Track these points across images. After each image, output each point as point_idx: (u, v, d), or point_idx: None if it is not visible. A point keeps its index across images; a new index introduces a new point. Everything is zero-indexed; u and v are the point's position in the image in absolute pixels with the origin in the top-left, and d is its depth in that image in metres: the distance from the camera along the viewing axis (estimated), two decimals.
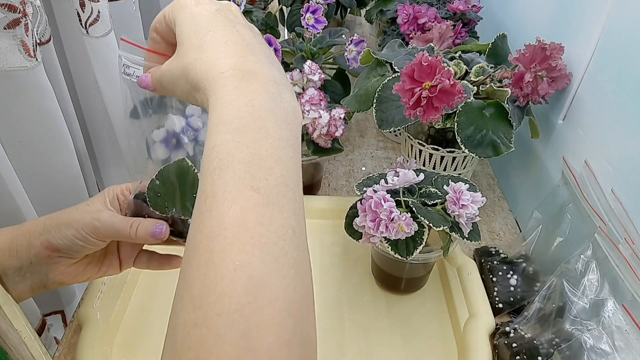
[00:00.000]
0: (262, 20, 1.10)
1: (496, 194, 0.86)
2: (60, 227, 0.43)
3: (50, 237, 0.43)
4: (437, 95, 0.60)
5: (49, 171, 0.68)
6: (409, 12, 0.89)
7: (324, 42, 0.85)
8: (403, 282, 0.65)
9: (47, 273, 0.45)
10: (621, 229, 0.53)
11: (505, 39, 0.76)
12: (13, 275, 0.44)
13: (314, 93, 0.72)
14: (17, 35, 0.55)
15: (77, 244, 0.44)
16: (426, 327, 0.62)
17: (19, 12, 0.54)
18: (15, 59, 0.56)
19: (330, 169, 0.90)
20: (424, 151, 0.75)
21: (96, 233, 0.44)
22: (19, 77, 0.58)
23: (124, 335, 0.60)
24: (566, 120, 0.68)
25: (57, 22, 0.73)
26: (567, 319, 0.53)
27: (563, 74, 0.65)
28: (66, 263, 0.45)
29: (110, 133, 0.82)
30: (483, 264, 0.68)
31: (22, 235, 0.44)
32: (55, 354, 0.58)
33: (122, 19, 0.81)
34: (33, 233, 0.44)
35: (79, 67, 0.77)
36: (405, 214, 0.54)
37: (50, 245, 0.43)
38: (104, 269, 0.49)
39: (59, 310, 0.76)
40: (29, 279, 0.44)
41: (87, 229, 0.43)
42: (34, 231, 0.44)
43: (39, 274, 0.44)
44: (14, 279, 0.44)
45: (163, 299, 0.65)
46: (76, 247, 0.44)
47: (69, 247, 0.44)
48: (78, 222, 0.44)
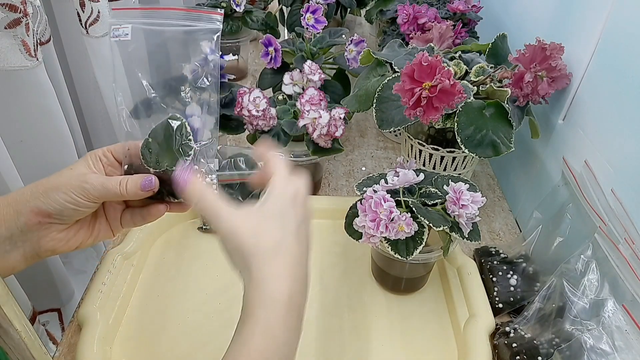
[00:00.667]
0: (262, 20, 1.10)
1: (496, 194, 0.87)
2: (49, 192, 0.44)
3: (40, 203, 0.44)
4: (437, 95, 0.60)
5: (50, 170, 0.68)
6: (409, 12, 0.89)
7: (324, 42, 0.86)
8: (403, 282, 0.65)
9: (39, 240, 0.45)
10: (621, 229, 0.53)
11: (505, 39, 0.76)
12: (3, 244, 0.44)
13: (314, 93, 0.72)
14: (17, 35, 0.55)
15: (68, 207, 0.44)
16: (426, 327, 0.62)
17: (19, 11, 0.54)
18: (16, 59, 0.56)
19: (330, 169, 0.90)
20: (424, 151, 0.75)
21: (86, 195, 0.44)
22: (20, 77, 0.58)
23: (124, 335, 0.60)
24: (566, 120, 0.68)
25: (57, 22, 0.73)
26: (567, 319, 0.53)
27: (563, 74, 0.65)
28: (57, 229, 0.46)
29: (110, 133, 0.83)
30: (483, 264, 0.68)
31: (8, 205, 0.44)
32: (55, 354, 0.58)
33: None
34: (20, 201, 0.44)
35: (79, 67, 0.77)
36: (405, 214, 0.54)
37: (40, 211, 0.44)
38: (95, 233, 0.49)
39: (57, 308, 0.76)
40: (21, 247, 0.45)
41: (76, 191, 0.44)
42: (21, 199, 0.44)
43: (31, 241, 0.45)
44: (5, 248, 0.44)
45: (163, 299, 0.65)
46: (67, 211, 0.44)
47: (60, 211, 0.44)
48: (66, 186, 0.44)
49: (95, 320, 0.58)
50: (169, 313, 0.63)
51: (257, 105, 0.70)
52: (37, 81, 0.60)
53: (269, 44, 0.83)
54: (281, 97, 0.77)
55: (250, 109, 0.70)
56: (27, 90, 0.59)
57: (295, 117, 0.73)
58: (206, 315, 0.63)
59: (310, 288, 0.67)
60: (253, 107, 0.69)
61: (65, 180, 0.45)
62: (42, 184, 0.45)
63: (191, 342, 0.60)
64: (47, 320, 0.74)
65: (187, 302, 0.64)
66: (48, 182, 0.45)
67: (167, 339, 0.60)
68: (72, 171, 0.46)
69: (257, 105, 0.70)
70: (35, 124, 0.63)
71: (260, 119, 0.70)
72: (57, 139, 0.66)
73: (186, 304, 0.64)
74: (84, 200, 0.45)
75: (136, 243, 0.68)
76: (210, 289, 0.66)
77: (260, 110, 0.70)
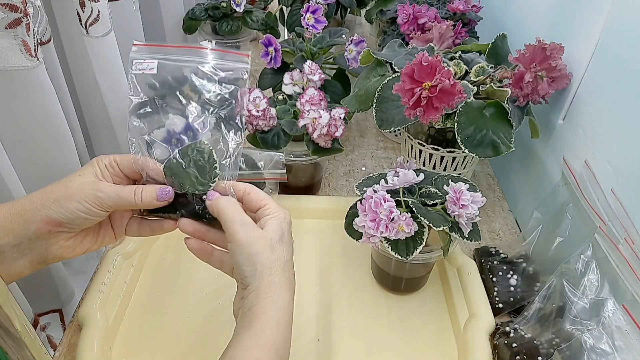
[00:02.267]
0: (262, 20, 1.10)
1: (496, 194, 0.87)
2: (61, 201, 0.44)
3: (51, 213, 0.44)
4: (437, 95, 0.60)
5: (50, 171, 0.68)
6: (409, 12, 0.89)
7: (324, 42, 0.85)
8: (403, 282, 0.65)
9: (47, 248, 0.45)
10: (621, 229, 0.53)
11: (505, 39, 0.76)
12: (10, 252, 0.44)
13: (314, 93, 0.72)
14: (18, 35, 0.55)
15: (80, 217, 0.44)
16: (426, 327, 0.62)
17: (20, 11, 0.54)
18: (17, 59, 0.56)
19: (330, 169, 0.90)
20: (424, 151, 0.75)
21: (100, 204, 0.45)
22: (20, 77, 0.58)
23: (124, 335, 0.60)
24: (566, 120, 0.68)
25: (57, 22, 0.73)
26: (567, 319, 0.53)
27: (563, 74, 0.65)
28: (65, 237, 0.46)
29: (110, 133, 0.82)
30: (483, 264, 0.68)
31: (17, 214, 0.44)
32: (55, 354, 0.58)
33: (122, 19, 0.81)
34: (29, 210, 0.44)
35: (79, 67, 0.77)
36: (405, 214, 0.54)
37: (52, 220, 0.44)
38: (100, 239, 0.50)
39: (57, 309, 0.76)
40: (28, 254, 0.45)
41: (90, 200, 0.44)
42: (30, 208, 0.44)
43: (39, 249, 0.45)
44: (12, 256, 0.44)
45: (163, 299, 0.65)
46: (78, 220, 0.45)
47: (71, 220, 0.44)
48: (79, 195, 0.44)
49: (95, 320, 0.58)
50: (169, 313, 0.63)
51: (257, 105, 0.70)
52: (38, 81, 0.60)
53: (269, 44, 0.83)
54: (281, 97, 0.77)
55: (250, 109, 0.70)
56: (27, 90, 0.59)
57: (295, 117, 0.73)
58: (206, 315, 0.63)
59: (311, 288, 0.67)
60: (253, 107, 0.69)
61: (77, 189, 0.44)
62: (52, 192, 0.45)
63: (191, 342, 0.60)
64: (48, 322, 0.74)
65: (187, 302, 0.64)
66: (59, 190, 0.45)
67: (167, 338, 0.60)
68: (82, 178, 0.46)
69: (257, 105, 0.70)
70: (35, 124, 0.63)
71: (260, 119, 0.70)
72: (57, 139, 0.66)
73: (186, 304, 0.64)
74: (97, 209, 0.45)
75: (136, 243, 0.68)
76: (210, 289, 0.66)
77: (260, 110, 0.70)
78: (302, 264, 0.70)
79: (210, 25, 1.13)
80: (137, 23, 0.88)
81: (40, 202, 0.44)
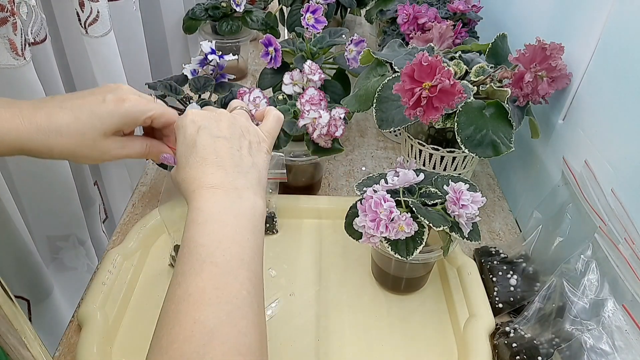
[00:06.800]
0: (262, 20, 1.10)
1: (496, 194, 0.87)
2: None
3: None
4: (437, 95, 0.60)
5: (45, 170, 0.68)
6: (409, 12, 0.89)
7: (324, 42, 0.85)
8: (403, 282, 0.65)
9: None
10: (621, 229, 0.53)
11: (505, 39, 0.76)
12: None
13: (314, 93, 0.72)
14: (4, 34, 0.55)
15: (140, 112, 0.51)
16: (426, 327, 0.62)
17: (6, 10, 0.54)
18: (2, 57, 0.56)
19: (330, 169, 0.90)
20: (424, 151, 0.75)
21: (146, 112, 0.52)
22: (7, 75, 0.58)
23: (124, 335, 0.60)
24: (566, 120, 0.68)
25: (57, 21, 0.73)
26: (567, 319, 0.53)
27: (563, 74, 0.65)
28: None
29: None
30: (483, 264, 0.68)
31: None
32: (55, 354, 0.58)
33: (122, 19, 0.81)
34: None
35: (78, 66, 0.77)
36: (405, 214, 0.54)
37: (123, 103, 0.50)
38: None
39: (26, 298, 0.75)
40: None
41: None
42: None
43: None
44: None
45: (163, 299, 0.65)
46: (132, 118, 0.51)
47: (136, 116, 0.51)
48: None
49: (95, 320, 0.58)
50: None
51: (257, 105, 0.70)
52: (25, 80, 0.60)
53: (269, 43, 0.83)
54: (281, 97, 0.77)
55: (251, 109, 0.69)
56: (14, 88, 0.59)
57: (295, 117, 0.73)
58: None
59: (311, 288, 0.67)
60: (253, 107, 0.69)
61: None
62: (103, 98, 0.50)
63: None
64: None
65: None
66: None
67: None
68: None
69: (257, 105, 0.70)
70: None
71: None
72: None
73: None
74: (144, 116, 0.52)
75: (136, 243, 0.68)
76: None
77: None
78: (302, 263, 0.70)
79: (210, 25, 1.13)
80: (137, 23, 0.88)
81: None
